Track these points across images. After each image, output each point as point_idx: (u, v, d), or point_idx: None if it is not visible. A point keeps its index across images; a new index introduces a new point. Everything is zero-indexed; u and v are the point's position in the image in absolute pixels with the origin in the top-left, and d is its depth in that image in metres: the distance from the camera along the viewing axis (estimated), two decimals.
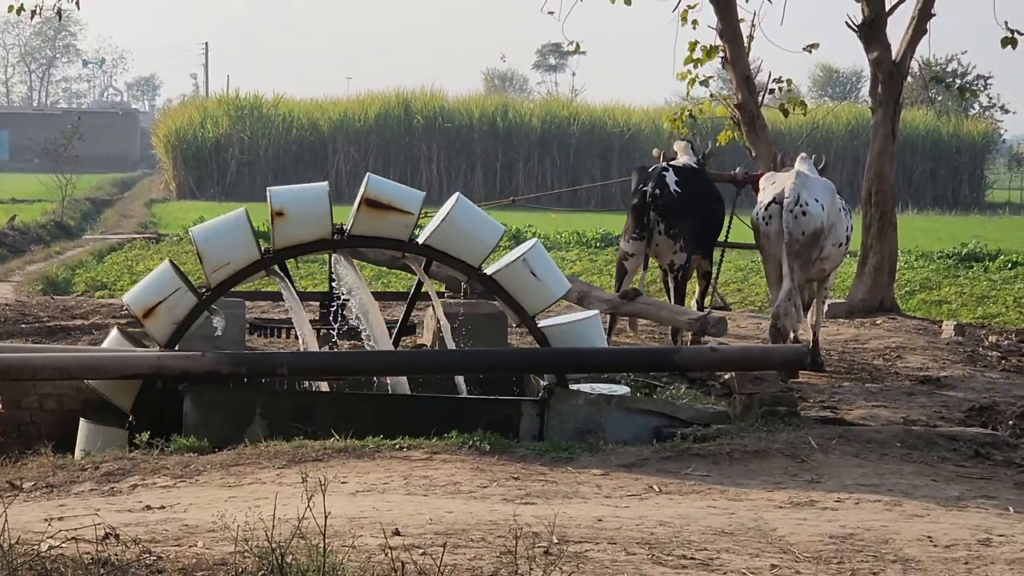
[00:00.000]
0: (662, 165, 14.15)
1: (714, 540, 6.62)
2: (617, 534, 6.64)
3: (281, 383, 10.49)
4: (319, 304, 13.46)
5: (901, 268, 23.10)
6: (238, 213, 10.27)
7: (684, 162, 14.50)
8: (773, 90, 19.72)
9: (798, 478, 8.37)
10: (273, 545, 5.53)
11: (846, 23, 18.75)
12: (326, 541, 5.54)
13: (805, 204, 12.89)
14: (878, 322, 17.50)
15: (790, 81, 20.13)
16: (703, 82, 19.59)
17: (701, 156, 14.97)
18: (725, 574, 6.02)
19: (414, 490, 7.76)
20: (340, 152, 54.61)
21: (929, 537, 6.78)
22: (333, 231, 10.13)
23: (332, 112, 55.97)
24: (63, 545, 5.76)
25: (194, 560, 5.81)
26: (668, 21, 24.62)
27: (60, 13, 20.50)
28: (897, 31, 19.20)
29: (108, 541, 5.93)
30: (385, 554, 5.78)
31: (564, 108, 58.13)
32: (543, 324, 10.35)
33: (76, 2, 20.07)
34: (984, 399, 12.10)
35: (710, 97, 20.23)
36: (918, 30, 18.87)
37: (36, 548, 5.68)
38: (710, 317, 12.64)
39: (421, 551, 6.02)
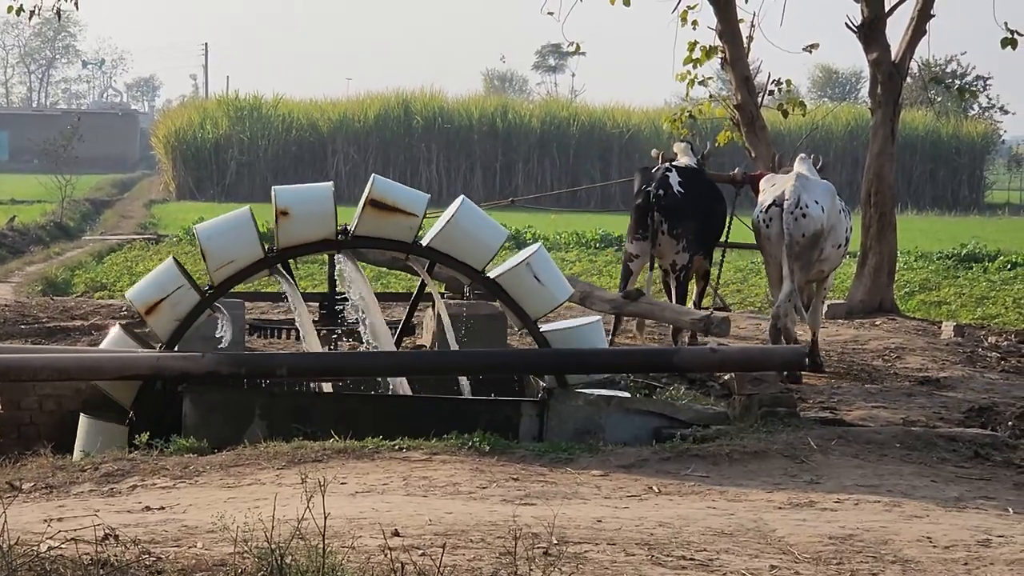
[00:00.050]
0: (665, 166, 14.15)
1: (713, 541, 6.62)
2: (616, 535, 6.64)
3: (281, 384, 10.49)
4: (319, 305, 13.45)
5: (900, 269, 23.10)
6: (243, 212, 10.27)
7: (685, 163, 14.51)
8: (772, 91, 19.73)
9: (797, 479, 8.37)
10: (272, 546, 5.53)
11: (845, 24, 18.76)
12: (325, 542, 5.54)
13: (805, 206, 12.92)
14: (877, 323, 17.50)
15: (789, 82, 20.15)
16: (702, 82, 19.60)
17: (700, 157, 14.98)
18: (724, 575, 6.03)
19: (413, 491, 7.76)
20: (340, 153, 54.62)
21: (928, 538, 6.79)
22: (337, 231, 10.14)
23: (332, 113, 55.98)
24: (62, 546, 5.76)
25: (193, 561, 5.81)
26: (668, 22, 24.64)
27: (59, 13, 20.51)
28: (896, 32, 19.23)
29: (107, 542, 5.93)
30: (384, 555, 5.78)
31: (564, 109, 58.14)
32: (545, 328, 10.36)
33: (75, 2, 20.08)
34: (983, 400, 12.10)
35: (709, 98, 20.23)
36: (917, 31, 18.86)
37: (35, 549, 5.68)
38: (713, 317, 12.64)
39: (420, 552, 6.02)
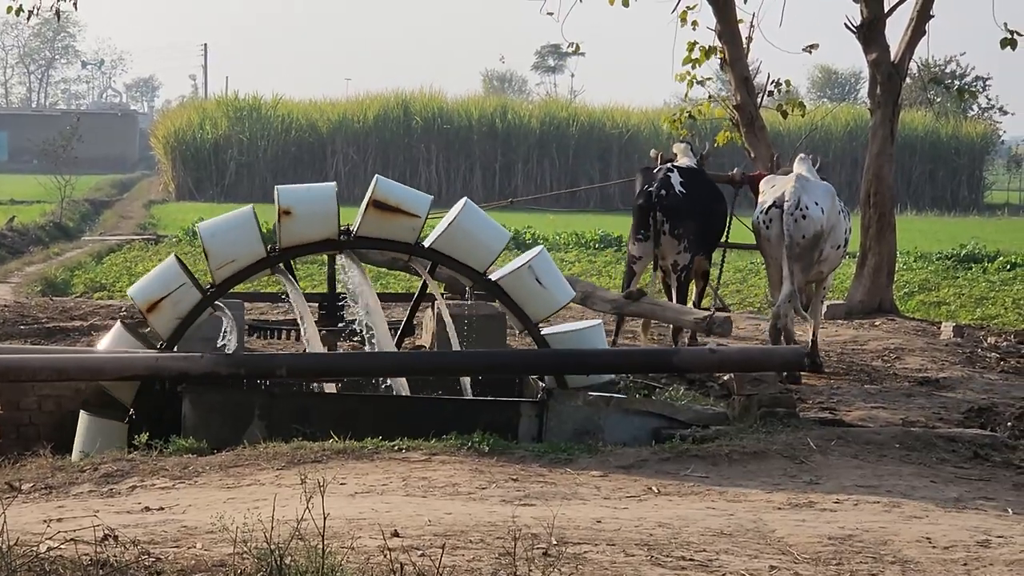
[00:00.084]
0: (667, 166, 14.15)
1: (713, 541, 6.62)
2: (616, 535, 6.64)
3: (281, 384, 10.49)
4: (318, 305, 13.45)
5: (900, 269, 23.10)
6: (245, 210, 10.28)
7: (686, 163, 14.52)
8: (772, 91, 19.73)
9: (797, 479, 8.38)
10: (272, 546, 5.53)
11: (845, 24, 18.76)
12: (325, 542, 5.54)
13: (805, 208, 12.94)
14: (877, 323, 17.50)
15: (789, 82, 20.17)
16: (701, 83, 19.61)
17: (699, 157, 14.98)
18: (724, 575, 6.03)
19: (413, 491, 7.76)
20: (339, 153, 54.61)
21: (928, 538, 6.79)
22: (340, 232, 10.14)
23: (331, 113, 55.98)
24: (62, 546, 5.76)
25: (193, 561, 5.82)
26: (667, 22, 24.64)
27: (59, 14, 20.52)
28: (896, 32, 19.24)
29: (107, 542, 5.93)
30: (384, 555, 5.78)
31: (563, 109, 58.13)
32: (546, 331, 10.37)
33: (74, 3, 20.10)
34: (983, 400, 12.11)
35: (708, 98, 20.24)
36: (917, 31, 18.87)
37: (35, 549, 5.68)
38: (715, 317, 12.63)
39: (420, 552, 6.02)
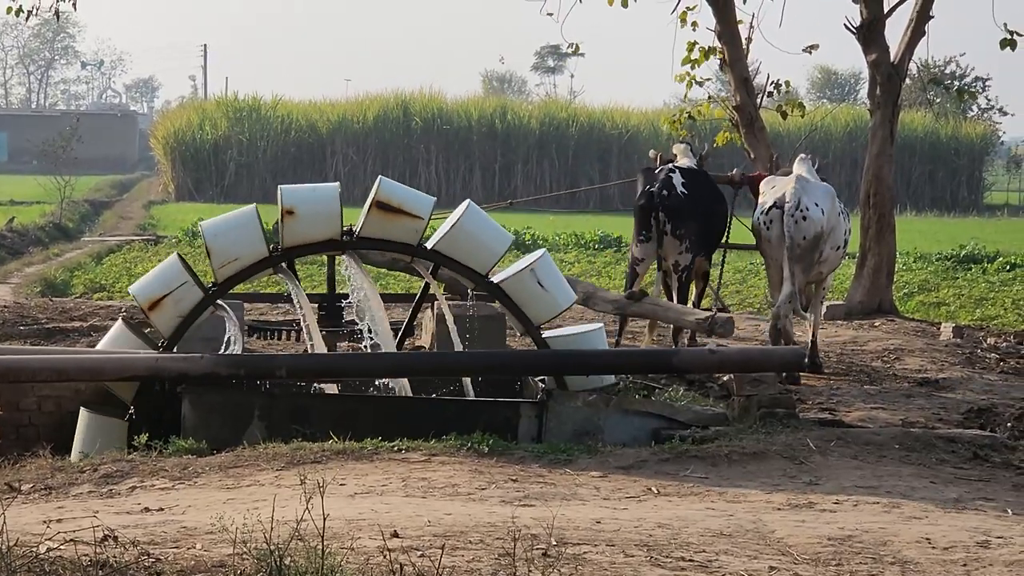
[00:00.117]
0: (668, 166, 14.15)
1: (712, 542, 6.62)
2: (615, 536, 6.64)
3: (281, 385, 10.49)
4: (318, 306, 13.45)
5: (899, 270, 23.10)
6: (248, 209, 10.30)
7: (687, 164, 14.51)
8: (771, 92, 19.73)
9: (796, 480, 8.38)
10: (271, 547, 5.53)
11: (845, 25, 18.77)
12: (324, 543, 5.54)
13: (806, 209, 12.95)
14: (876, 324, 17.50)
15: (788, 83, 20.18)
16: (700, 83, 19.61)
17: (698, 158, 14.98)
18: None
19: (412, 492, 7.76)
20: (339, 154, 54.60)
21: (928, 539, 6.79)
22: (342, 232, 10.15)
23: (331, 114, 55.99)
24: (61, 547, 5.76)
25: (192, 562, 5.82)
26: (667, 23, 24.63)
27: (58, 14, 20.52)
28: (896, 33, 19.24)
29: (106, 543, 5.93)
30: (383, 556, 5.78)
31: (563, 110, 58.14)
32: (547, 335, 10.37)
33: (73, 3, 20.10)
34: (982, 401, 12.11)
35: (708, 99, 20.25)
36: (916, 32, 18.87)
37: (35, 550, 5.68)
38: (717, 317, 12.63)
39: (419, 553, 6.02)
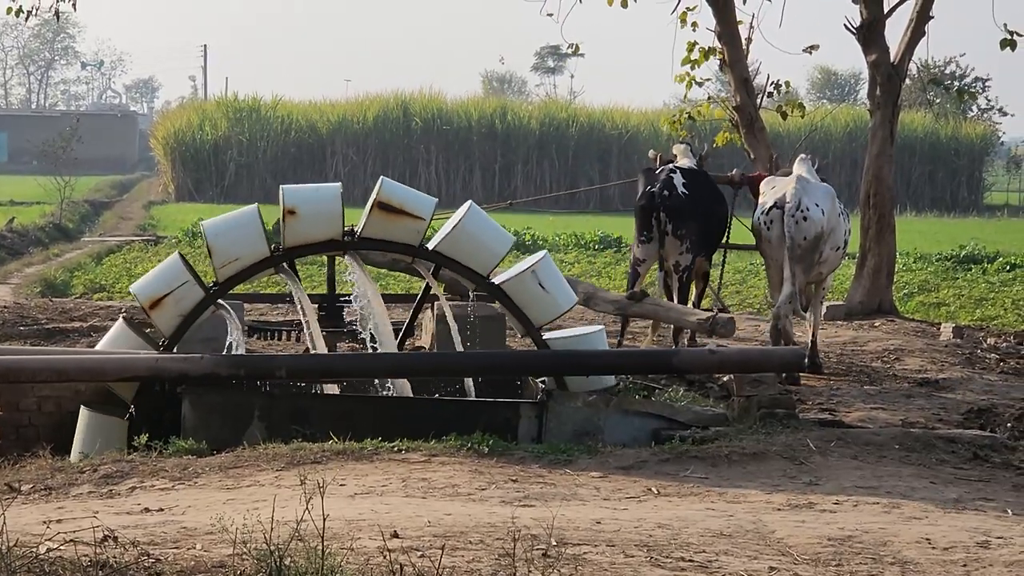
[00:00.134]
0: (669, 167, 14.15)
1: (712, 542, 6.62)
2: (615, 536, 6.64)
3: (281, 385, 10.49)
4: (318, 306, 13.45)
5: (899, 270, 23.10)
6: (250, 209, 10.31)
7: (688, 164, 14.52)
8: (771, 92, 19.73)
9: (796, 480, 8.37)
10: (271, 547, 5.53)
11: (844, 25, 18.78)
12: (324, 543, 5.54)
13: (806, 209, 12.97)
14: (876, 324, 17.51)
15: (788, 83, 20.18)
16: (700, 84, 19.61)
17: (698, 158, 14.98)
18: None
19: (412, 492, 7.76)
20: (339, 154, 54.60)
21: (928, 539, 6.79)
22: (344, 233, 10.15)
23: (331, 114, 55.98)
24: (61, 547, 5.76)
25: (192, 562, 5.81)
26: (667, 23, 24.60)
27: (58, 14, 20.53)
28: (895, 33, 19.25)
29: (106, 543, 5.93)
30: (383, 556, 5.78)
31: (563, 110, 58.14)
32: (548, 336, 10.37)
33: (73, 3, 20.10)
34: (982, 401, 12.11)
35: (708, 99, 20.25)
36: (916, 32, 18.88)
37: (34, 550, 5.68)
38: (719, 318, 12.63)
39: (419, 553, 6.02)
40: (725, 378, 11.51)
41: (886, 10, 18.74)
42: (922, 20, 18.80)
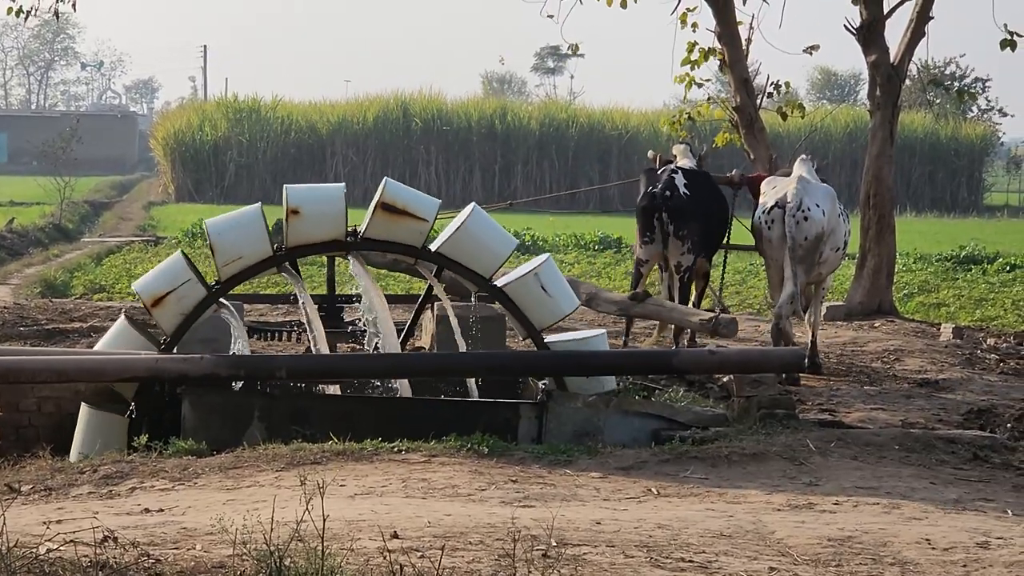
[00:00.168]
0: (671, 167, 14.15)
1: (712, 543, 6.62)
2: (615, 537, 6.64)
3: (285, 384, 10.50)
4: (318, 307, 13.44)
5: (899, 271, 23.10)
6: (253, 208, 10.32)
7: (689, 165, 14.52)
8: (771, 93, 19.73)
9: (796, 481, 8.38)
10: (271, 548, 5.53)
11: (844, 26, 18.78)
12: (324, 544, 5.54)
13: (807, 209, 12.99)
14: (876, 325, 17.51)
15: (788, 84, 20.18)
16: (700, 85, 19.61)
17: (697, 158, 14.98)
18: None
19: (412, 493, 7.76)
20: (338, 155, 54.60)
21: (927, 540, 6.79)
22: (347, 233, 10.15)
23: (331, 115, 55.99)
24: (61, 548, 5.76)
25: (192, 563, 5.81)
26: (667, 24, 24.64)
27: (57, 14, 20.53)
28: (895, 34, 19.25)
29: (106, 544, 5.93)
30: (383, 557, 5.78)
31: (562, 111, 58.16)
32: (549, 339, 10.37)
33: (72, 3, 20.10)
34: (982, 402, 12.11)
35: (707, 100, 20.25)
36: (916, 33, 18.88)
37: (34, 551, 5.68)
38: (721, 318, 12.64)
39: (419, 554, 6.02)
40: (725, 379, 11.51)
41: (886, 11, 18.75)
42: (922, 20, 18.80)
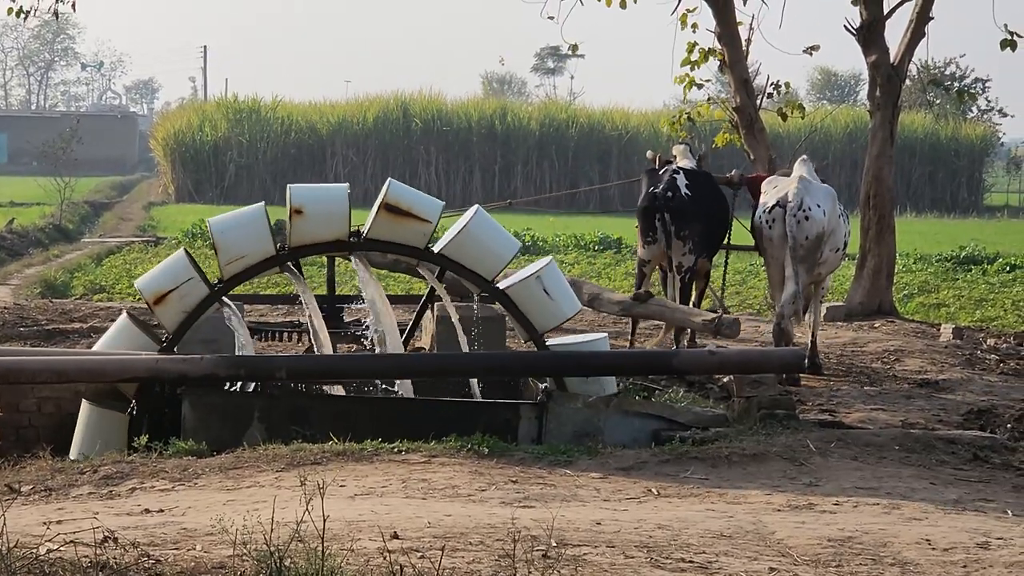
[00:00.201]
0: (672, 168, 14.15)
1: (712, 543, 6.62)
2: (615, 537, 6.64)
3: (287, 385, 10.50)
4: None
5: (899, 271, 23.11)
6: (257, 207, 10.34)
7: (689, 165, 14.51)
8: (771, 93, 19.74)
9: (796, 481, 8.37)
10: (271, 548, 5.53)
11: (844, 26, 18.78)
12: (324, 544, 5.54)
13: (808, 209, 13.00)
14: (876, 325, 17.51)
15: (788, 84, 20.18)
16: (699, 85, 19.61)
17: (697, 159, 14.97)
18: None
19: (412, 493, 7.76)
20: (339, 155, 54.62)
21: (927, 540, 6.79)
22: (350, 233, 10.15)
23: (331, 115, 55.99)
24: (61, 548, 5.76)
25: (192, 563, 5.81)
26: (667, 24, 24.66)
27: (57, 15, 20.53)
28: (895, 34, 19.26)
29: (106, 544, 5.93)
30: (383, 557, 5.78)
31: (562, 111, 58.15)
32: (551, 343, 10.37)
33: (72, 4, 20.11)
34: (982, 402, 12.12)
35: (707, 100, 20.25)
36: (916, 33, 18.89)
37: (34, 552, 5.68)
38: (723, 319, 12.63)
39: (419, 554, 6.02)
40: (725, 379, 11.51)
41: (886, 11, 18.76)
42: (922, 21, 18.81)
